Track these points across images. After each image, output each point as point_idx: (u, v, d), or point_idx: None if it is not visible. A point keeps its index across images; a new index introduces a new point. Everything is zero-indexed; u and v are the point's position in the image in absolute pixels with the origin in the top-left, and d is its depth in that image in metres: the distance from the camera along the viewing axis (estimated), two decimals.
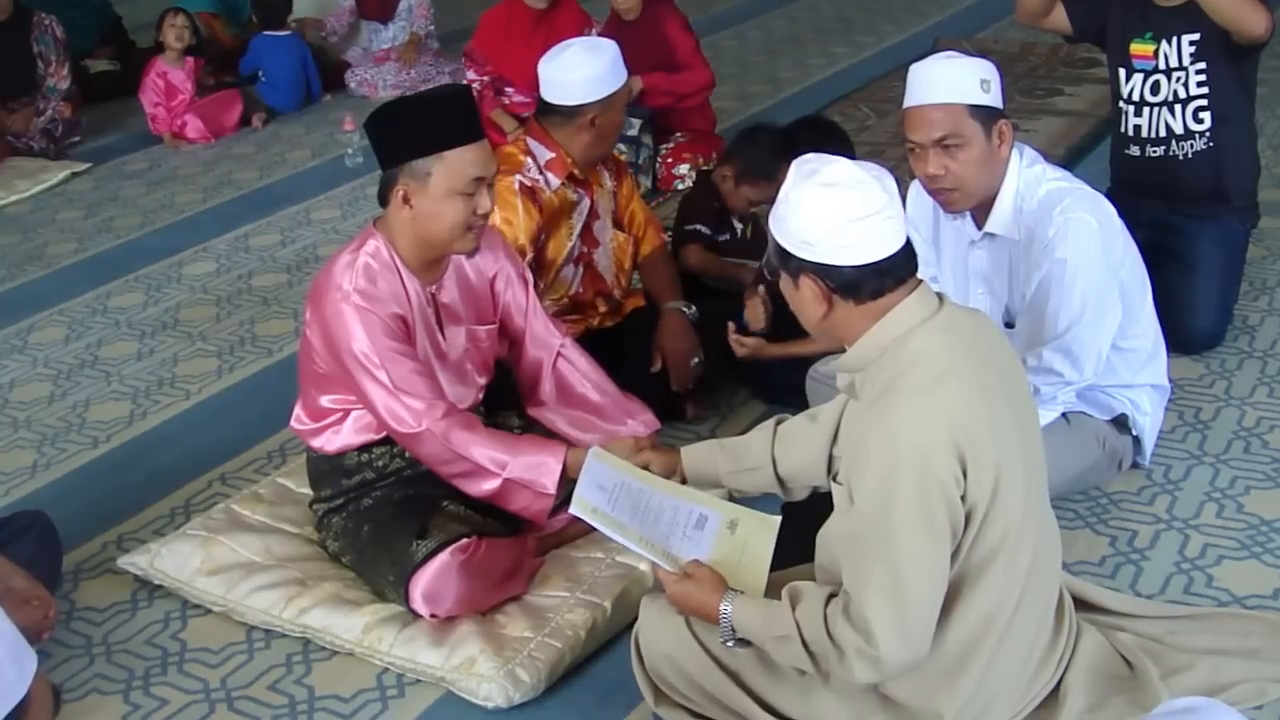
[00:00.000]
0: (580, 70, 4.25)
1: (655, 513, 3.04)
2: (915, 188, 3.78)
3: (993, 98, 3.50)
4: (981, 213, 3.67)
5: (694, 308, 4.46)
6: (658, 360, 4.36)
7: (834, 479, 2.81)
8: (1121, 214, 3.73)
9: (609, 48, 4.31)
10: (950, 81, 3.50)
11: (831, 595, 2.63)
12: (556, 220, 4.34)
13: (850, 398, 2.77)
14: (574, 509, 3.03)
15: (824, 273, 2.61)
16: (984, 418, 2.54)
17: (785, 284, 2.71)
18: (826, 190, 2.58)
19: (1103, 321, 3.59)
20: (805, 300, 2.67)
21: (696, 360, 4.38)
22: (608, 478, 3.10)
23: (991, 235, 3.69)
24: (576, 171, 4.35)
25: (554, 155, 4.32)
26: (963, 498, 2.52)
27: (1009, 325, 3.74)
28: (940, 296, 2.69)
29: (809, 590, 2.67)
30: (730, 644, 2.78)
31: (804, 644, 2.62)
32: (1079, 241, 3.52)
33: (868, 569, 2.54)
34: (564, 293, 4.44)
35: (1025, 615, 2.71)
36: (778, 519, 3.01)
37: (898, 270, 2.62)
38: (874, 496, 2.54)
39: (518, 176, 4.22)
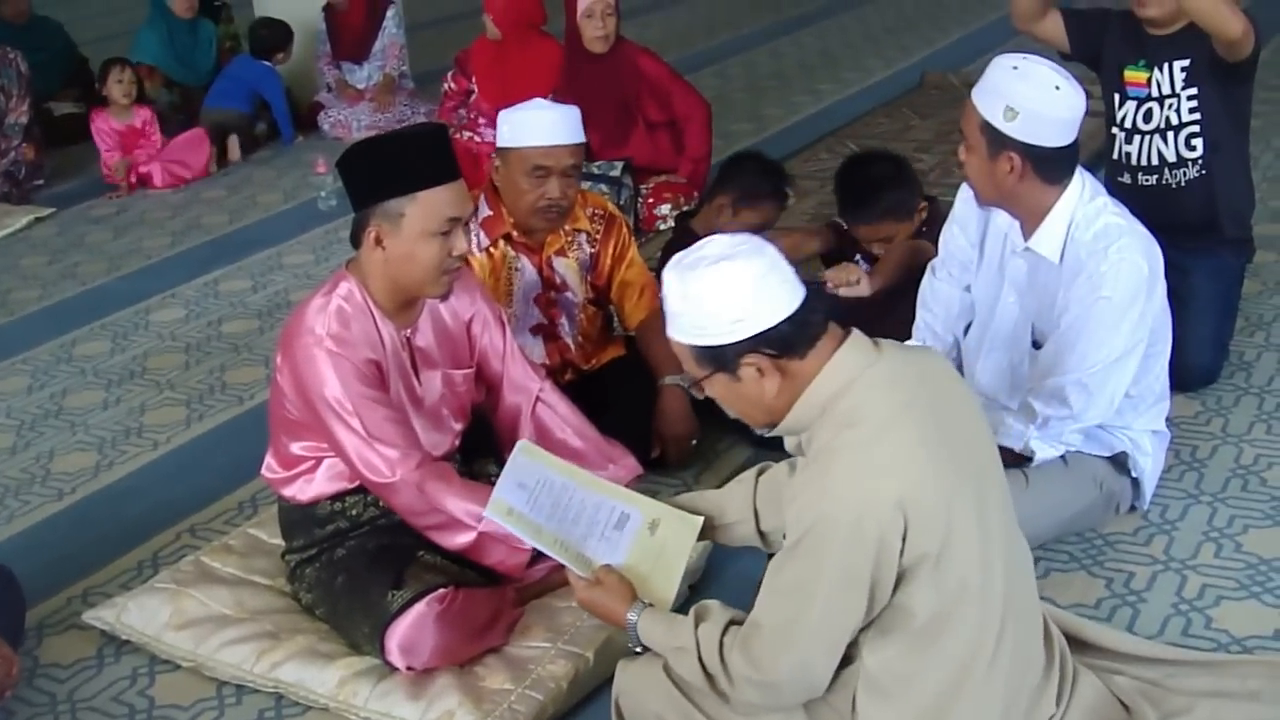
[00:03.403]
0: (511, 115, 4.19)
1: (576, 510, 3.00)
2: (965, 188, 3.82)
3: (1015, 128, 3.46)
4: (1029, 227, 3.65)
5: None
6: (657, 447, 4.29)
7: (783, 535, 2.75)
8: None
9: (558, 108, 4.20)
10: (987, 86, 3.52)
11: (733, 622, 2.67)
12: (491, 285, 4.23)
13: (801, 456, 2.73)
14: (489, 511, 3.02)
15: (762, 341, 2.56)
16: (929, 470, 2.50)
17: (720, 386, 2.66)
18: (724, 264, 2.55)
19: (1127, 366, 3.58)
20: (749, 388, 2.62)
21: (695, 441, 4.33)
22: (531, 474, 3.06)
23: (1033, 252, 3.66)
24: (514, 233, 4.26)
25: (492, 213, 4.25)
26: (901, 553, 2.48)
27: (1036, 345, 3.73)
28: (877, 343, 2.65)
29: (714, 611, 2.71)
30: (637, 649, 2.84)
31: (700, 661, 2.66)
32: (1129, 284, 3.51)
33: (778, 610, 2.56)
34: None
35: (1007, 653, 2.65)
36: (700, 520, 2.98)
37: (817, 316, 2.60)
38: (802, 549, 2.52)
39: None
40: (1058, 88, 3.44)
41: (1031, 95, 3.44)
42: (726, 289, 2.54)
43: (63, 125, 9.09)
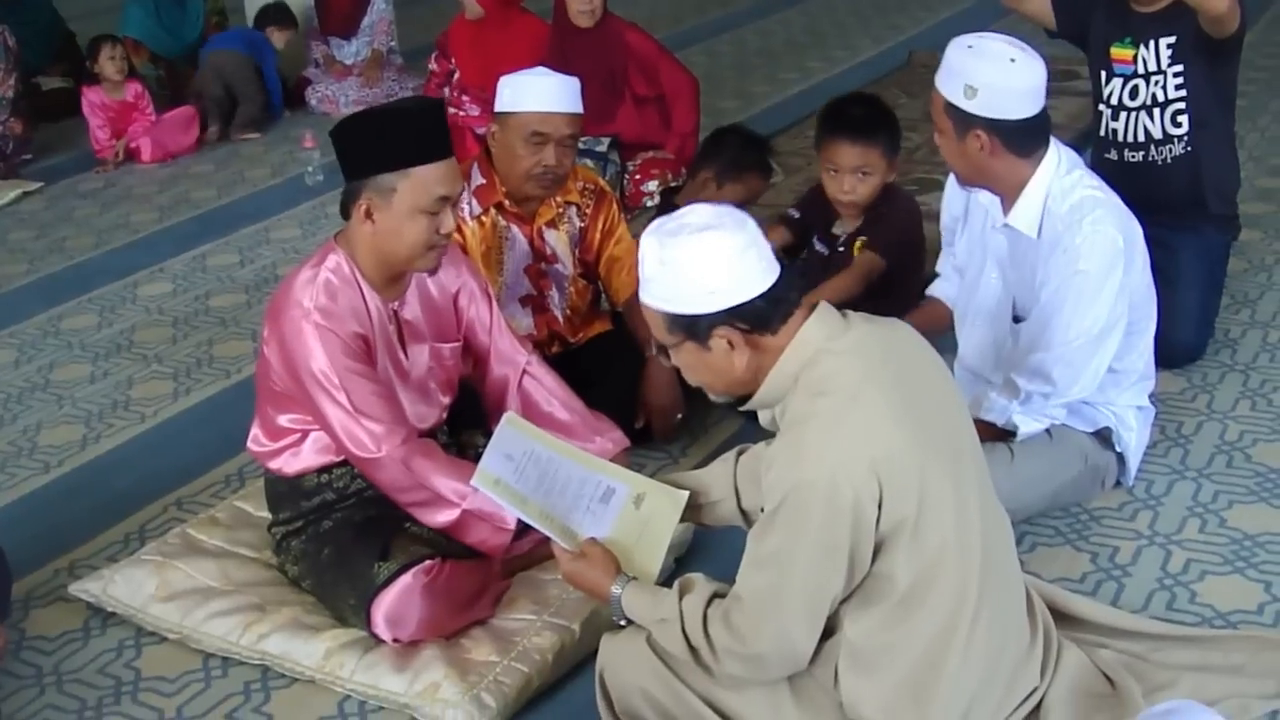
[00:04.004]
0: (511, 80, 4.20)
1: (562, 484, 3.01)
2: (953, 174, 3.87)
3: (977, 104, 3.50)
4: (1008, 203, 3.67)
5: None
6: (642, 417, 4.28)
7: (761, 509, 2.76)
8: None
9: (559, 76, 4.21)
10: (946, 69, 3.58)
11: (717, 594, 2.68)
12: (482, 253, 4.24)
13: (776, 429, 2.74)
14: (475, 480, 3.01)
15: (737, 315, 2.56)
16: (900, 435, 2.52)
17: (689, 355, 2.65)
18: (706, 233, 2.55)
19: (1109, 340, 3.59)
20: (717, 359, 2.62)
21: (680, 415, 4.33)
22: (517, 446, 3.06)
23: (1012, 228, 3.68)
24: (507, 203, 4.26)
25: (485, 182, 4.25)
26: (878, 520, 2.50)
27: (1017, 319, 3.75)
28: (845, 314, 2.67)
29: (698, 584, 2.73)
30: (621, 622, 2.85)
31: (683, 632, 2.67)
32: (1103, 258, 3.52)
33: (759, 580, 2.57)
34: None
35: (987, 622, 2.66)
36: (685, 494, 2.99)
37: (793, 294, 2.61)
38: (780, 519, 2.53)
39: None
40: (1013, 60, 3.47)
41: (987, 70, 3.47)
42: (707, 259, 2.53)
43: (51, 100, 9.08)
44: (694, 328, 2.59)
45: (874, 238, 4.50)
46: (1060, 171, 3.60)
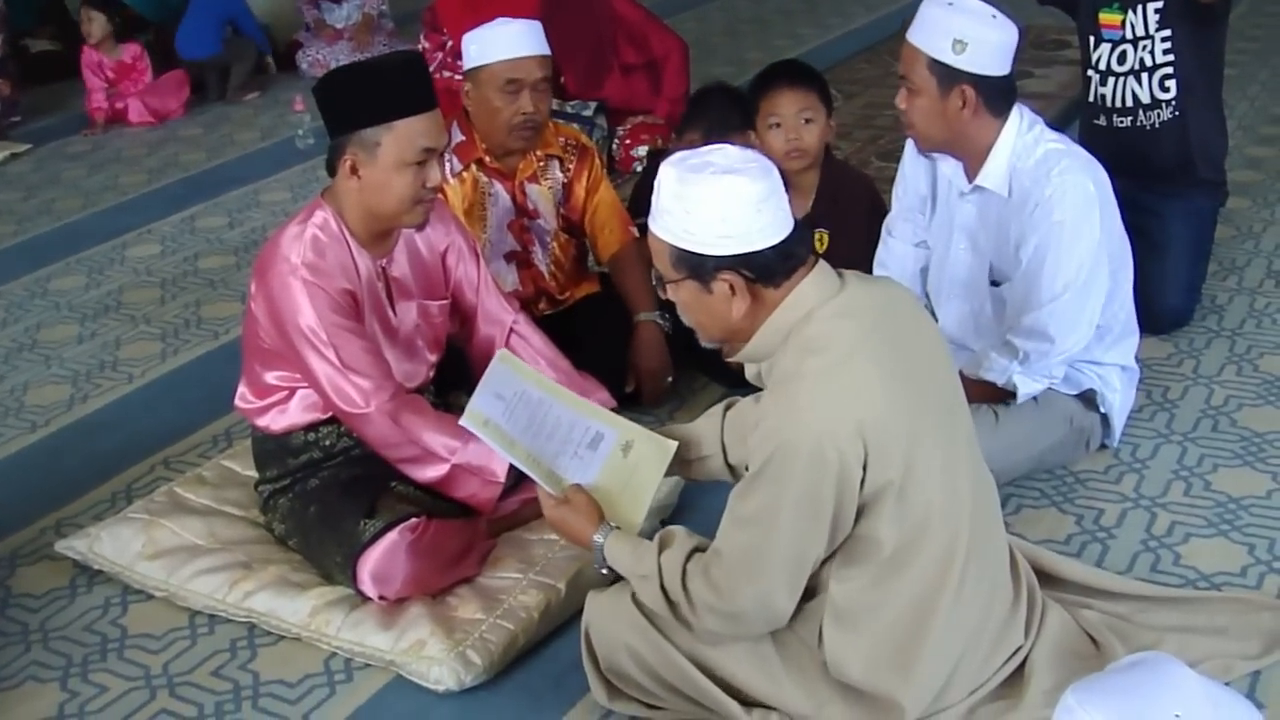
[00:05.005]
0: (475, 35, 4.20)
1: (551, 427, 3.00)
2: (910, 143, 3.85)
3: (965, 60, 3.48)
4: (974, 166, 3.66)
5: (668, 317, 4.30)
6: (632, 381, 4.29)
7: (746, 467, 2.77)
8: None
9: (520, 22, 4.21)
10: (927, 26, 3.53)
11: (697, 549, 2.69)
12: (465, 210, 4.23)
13: (762, 385, 2.74)
14: (465, 420, 3.00)
15: (745, 262, 2.55)
16: (889, 399, 2.52)
17: (688, 293, 2.63)
18: (730, 176, 2.53)
19: (1095, 286, 3.59)
20: (716, 303, 2.61)
21: (669, 379, 4.33)
22: (509, 386, 3.05)
23: (981, 189, 3.67)
24: (487, 159, 4.26)
25: (465, 139, 4.25)
26: (862, 483, 2.50)
27: (995, 283, 3.74)
28: (841, 274, 2.66)
29: (678, 538, 2.73)
30: (603, 570, 2.85)
31: (662, 588, 2.68)
32: (1076, 204, 3.52)
33: (741, 537, 2.58)
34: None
35: (973, 582, 2.68)
36: (674, 444, 2.98)
37: (802, 249, 2.60)
38: (764, 477, 2.53)
39: None
40: (994, 16, 3.50)
41: (974, 25, 3.47)
42: (726, 202, 2.51)
43: (39, 62, 9.05)
44: (700, 267, 2.57)
45: (838, 235, 4.38)
46: (1023, 129, 3.61)
